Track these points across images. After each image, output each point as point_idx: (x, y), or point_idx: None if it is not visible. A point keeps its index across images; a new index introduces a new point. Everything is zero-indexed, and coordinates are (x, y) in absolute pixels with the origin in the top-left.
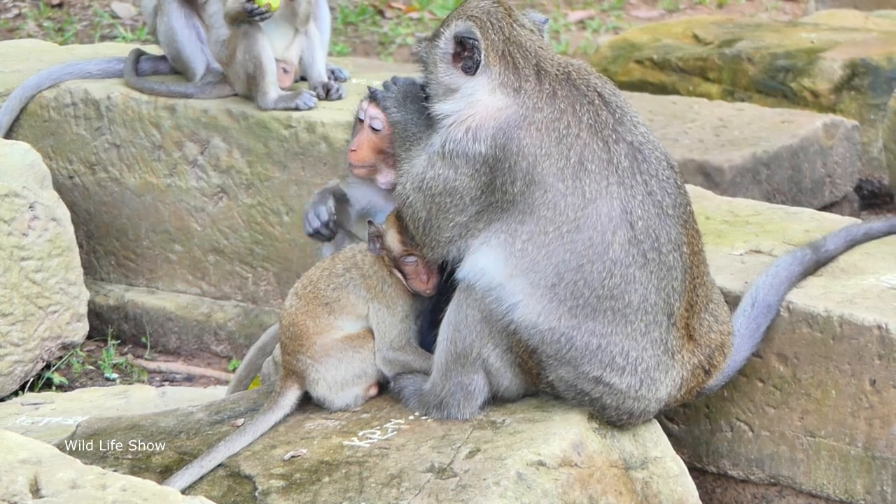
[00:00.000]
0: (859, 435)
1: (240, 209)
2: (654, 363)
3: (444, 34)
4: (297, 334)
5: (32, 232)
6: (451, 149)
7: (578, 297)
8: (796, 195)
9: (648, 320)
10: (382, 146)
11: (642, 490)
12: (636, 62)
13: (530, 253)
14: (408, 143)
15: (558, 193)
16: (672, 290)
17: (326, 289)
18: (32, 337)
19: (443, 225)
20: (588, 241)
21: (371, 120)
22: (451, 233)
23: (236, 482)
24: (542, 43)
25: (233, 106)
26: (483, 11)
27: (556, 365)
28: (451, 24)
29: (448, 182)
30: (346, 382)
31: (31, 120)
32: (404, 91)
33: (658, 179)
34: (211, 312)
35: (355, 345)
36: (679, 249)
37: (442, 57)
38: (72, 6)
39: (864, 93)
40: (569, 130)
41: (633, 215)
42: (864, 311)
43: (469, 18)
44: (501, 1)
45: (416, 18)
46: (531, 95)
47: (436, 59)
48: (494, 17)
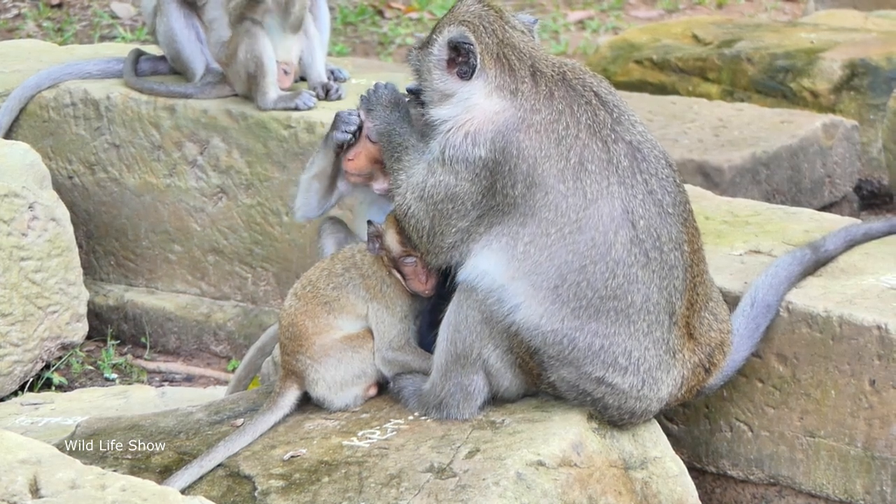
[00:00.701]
0: (859, 435)
1: (239, 209)
2: (657, 363)
3: (438, 41)
4: (296, 334)
5: (32, 232)
6: (450, 154)
7: (581, 297)
8: (796, 195)
9: (651, 320)
10: (379, 155)
11: (642, 490)
12: (636, 62)
13: (532, 255)
14: (399, 153)
15: (559, 195)
16: (674, 288)
17: (326, 289)
18: (32, 337)
19: (445, 231)
20: (590, 242)
21: (369, 130)
22: (453, 238)
23: (236, 482)
24: (534, 44)
25: (232, 106)
26: (475, 15)
27: (558, 366)
28: (444, 31)
29: (449, 188)
30: (346, 382)
31: (31, 120)
32: (389, 98)
33: (658, 178)
34: (210, 313)
35: (355, 345)
36: (680, 248)
37: (436, 64)
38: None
39: (864, 93)
40: (567, 131)
41: (634, 215)
42: (863, 312)
43: (461, 23)
44: (491, 4)
45: (415, 18)
46: (528, 97)
47: (430, 67)
48: (486, 20)
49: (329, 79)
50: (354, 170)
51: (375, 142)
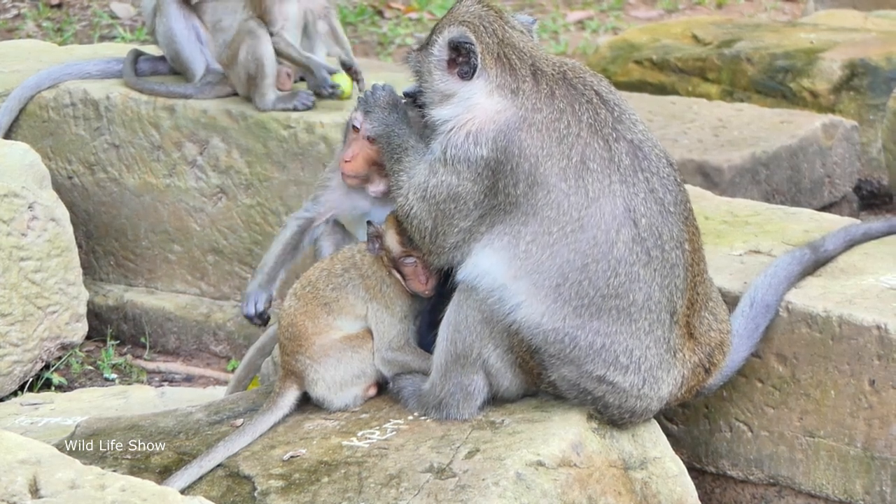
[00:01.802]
0: (858, 435)
1: (239, 209)
2: (657, 361)
3: (438, 41)
4: (295, 335)
5: (32, 232)
6: (452, 154)
7: (583, 296)
8: (795, 195)
9: (652, 318)
10: (377, 157)
11: (641, 490)
12: (635, 62)
13: (534, 254)
14: (399, 154)
15: (561, 193)
16: (675, 287)
17: (325, 289)
18: (31, 337)
19: (448, 231)
20: (592, 240)
21: (368, 131)
22: (455, 238)
23: (235, 482)
24: (533, 44)
25: (232, 106)
26: (474, 16)
27: (559, 364)
28: (444, 31)
29: (451, 188)
30: (346, 383)
31: (31, 120)
32: (387, 100)
33: (659, 177)
34: (210, 313)
35: (354, 345)
36: (681, 247)
37: (437, 64)
38: (71, 6)
39: (864, 93)
40: (569, 130)
41: (636, 213)
42: (863, 312)
43: (462, 24)
44: (491, 4)
45: (415, 19)
46: (529, 96)
47: (430, 68)
48: (486, 20)
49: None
50: (351, 171)
51: (374, 143)
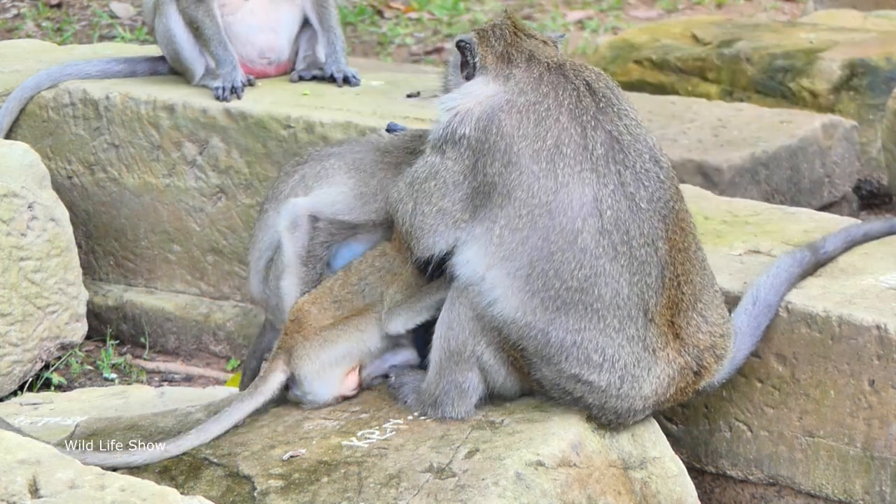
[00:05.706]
0: (858, 435)
1: (239, 209)
2: (634, 360)
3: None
4: (300, 318)
5: (31, 232)
6: (439, 135)
7: (549, 288)
8: (795, 195)
9: (622, 315)
10: None
11: (641, 490)
12: (635, 62)
13: (506, 239)
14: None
15: (532, 175)
16: (646, 285)
17: (340, 291)
18: (31, 337)
19: (426, 211)
20: (559, 227)
21: None
22: (434, 220)
23: (235, 482)
24: (552, 51)
25: (232, 106)
26: (489, 25)
27: (539, 363)
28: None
29: (434, 167)
30: (330, 363)
31: (30, 120)
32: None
33: (634, 171)
34: (210, 313)
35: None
36: (653, 245)
37: (452, 69)
38: (70, 6)
39: (863, 93)
40: (548, 113)
41: (602, 204)
42: (862, 312)
43: (472, 31)
44: (513, 18)
45: (414, 19)
46: (519, 81)
47: (449, 71)
48: (499, 28)
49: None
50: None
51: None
